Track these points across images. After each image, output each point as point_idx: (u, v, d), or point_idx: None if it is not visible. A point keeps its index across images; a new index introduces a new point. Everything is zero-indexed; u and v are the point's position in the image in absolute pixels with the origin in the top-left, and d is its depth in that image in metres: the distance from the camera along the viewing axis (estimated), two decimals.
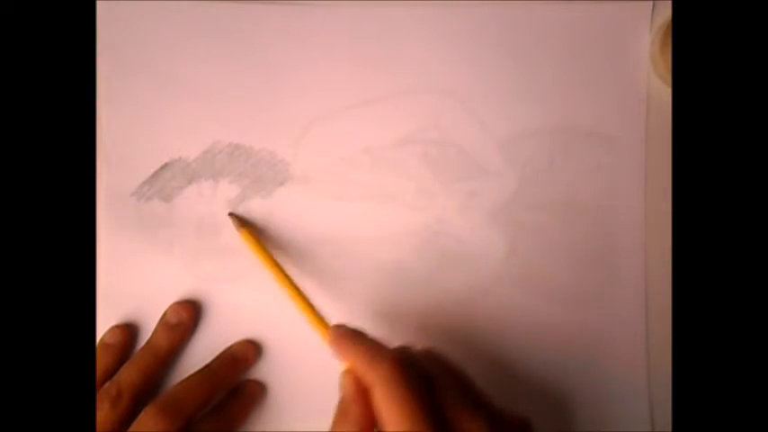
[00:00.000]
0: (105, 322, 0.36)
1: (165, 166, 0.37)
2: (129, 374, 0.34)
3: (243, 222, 0.36)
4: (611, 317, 0.37)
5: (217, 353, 0.36)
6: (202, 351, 0.36)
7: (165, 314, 0.36)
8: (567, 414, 0.34)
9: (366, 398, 0.27)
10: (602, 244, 0.37)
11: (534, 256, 0.37)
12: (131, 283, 0.37)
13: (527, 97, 0.37)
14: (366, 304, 0.36)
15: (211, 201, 0.37)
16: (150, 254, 0.37)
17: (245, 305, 0.37)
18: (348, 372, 0.28)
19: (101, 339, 0.36)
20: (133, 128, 0.37)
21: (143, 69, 0.37)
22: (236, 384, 0.36)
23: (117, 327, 0.36)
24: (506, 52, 0.37)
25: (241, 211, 0.37)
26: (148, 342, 0.36)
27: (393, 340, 0.30)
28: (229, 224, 0.36)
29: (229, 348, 0.36)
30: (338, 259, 0.37)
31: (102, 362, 0.35)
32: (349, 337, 0.30)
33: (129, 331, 0.36)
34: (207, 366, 0.35)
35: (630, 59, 0.37)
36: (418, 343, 0.31)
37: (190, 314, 0.36)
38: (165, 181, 0.37)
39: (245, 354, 0.36)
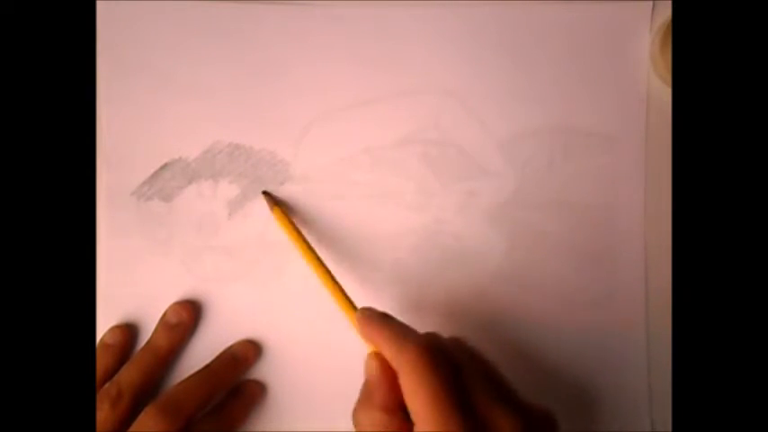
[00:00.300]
0: (105, 322, 0.36)
1: (165, 166, 0.37)
2: (129, 375, 0.34)
3: (276, 201, 0.36)
4: (611, 317, 0.37)
5: (217, 353, 0.36)
6: (202, 351, 0.36)
7: (165, 314, 0.36)
8: (566, 413, 0.34)
9: (392, 381, 0.27)
10: (602, 244, 0.37)
11: (534, 256, 0.37)
12: (131, 283, 0.37)
13: (527, 97, 0.37)
14: (365, 304, 0.36)
15: (211, 201, 0.37)
16: (150, 254, 0.37)
17: (245, 305, 0.37)
18: (374, 354, 0.28)
19: (101, 340, 0.36)
20: (133, 128, 0.37)
21: (143, 69, 0.37)
22: (236, 384, 0.36)
23: (117, 327, 0.36)
24: (506, 52, 0.37)
25: (241, 211, 0.37)
26: (148, 342, 0.36)
27: None
28: (232, 222, 0.36)
29: (229, 348, 0.36)
30: (337, 259, 0.37)
31: (102, 362, 0.35)
32: (376, 320, 0.29)
33: (129, 331, 0.36)
34: (207, 366, 0.35)
35: (630, 59, 0.37)
36: None
37: (190, 314, 0.36)
38: (164, 181, 0.37)
39: (245, 354, 0.36)
